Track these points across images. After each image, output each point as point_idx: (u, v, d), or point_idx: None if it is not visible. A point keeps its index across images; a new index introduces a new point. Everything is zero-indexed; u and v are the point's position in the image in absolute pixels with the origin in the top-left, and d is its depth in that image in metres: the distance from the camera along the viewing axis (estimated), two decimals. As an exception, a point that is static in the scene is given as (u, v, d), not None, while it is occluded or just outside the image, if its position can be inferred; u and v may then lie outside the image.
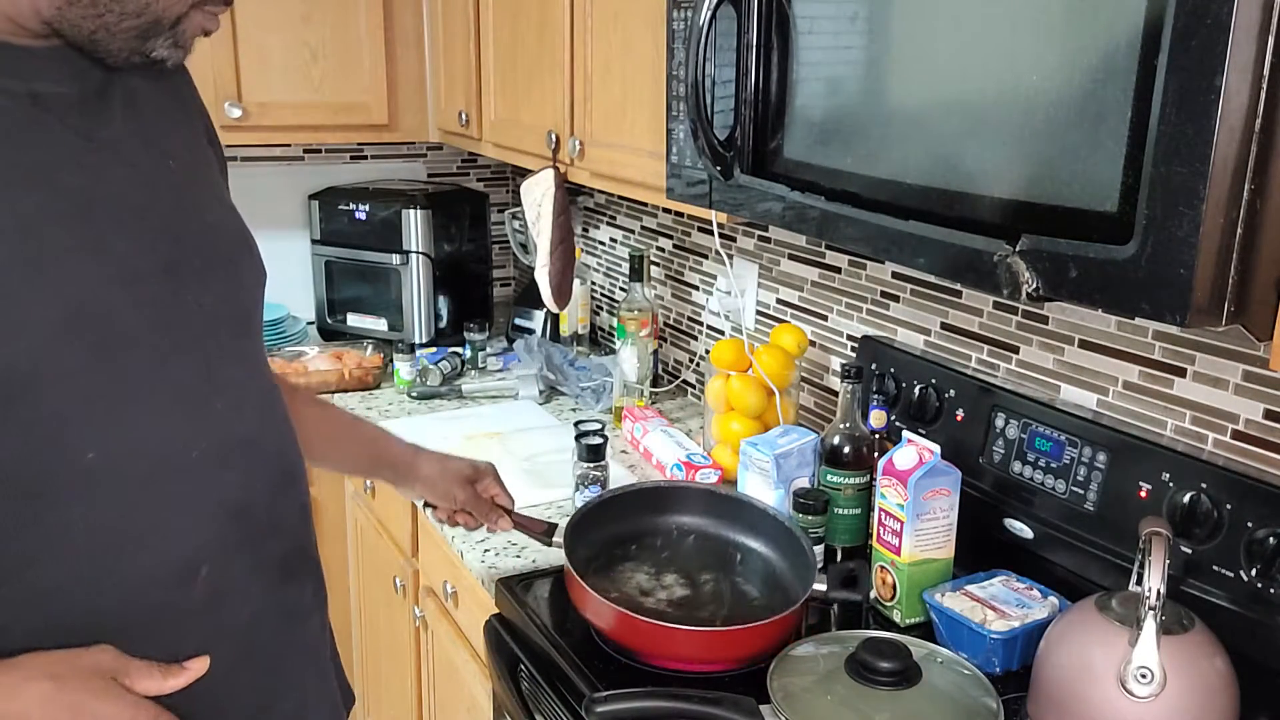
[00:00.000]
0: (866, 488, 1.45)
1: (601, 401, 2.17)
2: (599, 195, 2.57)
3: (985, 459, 1.42)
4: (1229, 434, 1.21)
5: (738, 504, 1.46)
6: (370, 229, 2.53)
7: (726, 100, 1.31)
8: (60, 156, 0.82)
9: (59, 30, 0.81)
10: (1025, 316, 1.45)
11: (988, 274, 0.95)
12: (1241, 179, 0.77)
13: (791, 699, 1.07)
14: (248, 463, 0.93)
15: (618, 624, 1.22)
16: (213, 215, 0.95)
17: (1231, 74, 0.74)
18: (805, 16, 1.20)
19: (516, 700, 1.33)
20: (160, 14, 0.83)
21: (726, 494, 1.47)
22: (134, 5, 0.81)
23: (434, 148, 2.91)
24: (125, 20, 0.82)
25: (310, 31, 2.39)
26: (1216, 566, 1.13)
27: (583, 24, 1.82)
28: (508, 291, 3.06)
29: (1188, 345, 1.24)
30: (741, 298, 2.03)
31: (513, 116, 2.17)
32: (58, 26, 0.81)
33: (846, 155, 1.15)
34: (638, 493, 1.45)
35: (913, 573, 1.30)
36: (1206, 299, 0.79)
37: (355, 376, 2.32)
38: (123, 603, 0.84)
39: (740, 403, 1.72)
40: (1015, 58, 0.93)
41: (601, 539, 1.38)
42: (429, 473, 1.31)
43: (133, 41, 0.84)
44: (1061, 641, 1.07)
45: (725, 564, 1.40)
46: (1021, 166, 0.93)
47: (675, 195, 1.46)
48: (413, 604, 1.97)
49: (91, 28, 0.81)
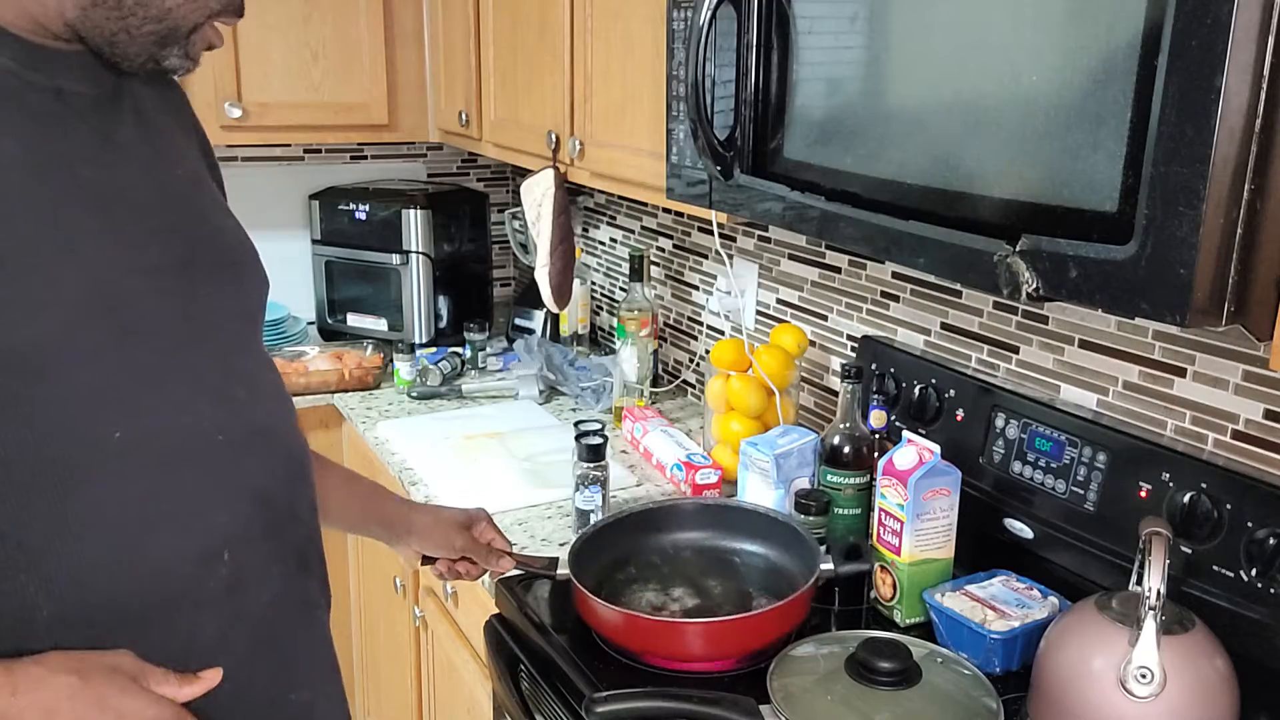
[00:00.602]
0: (866, 488, 1.45)
1: (601, 401, 2.17)
2: (599, 195, 2.57)
3: (985, 459, 1.42)
4: (1229, 434, 1.21)
5: (730, 511, 1.46)
6: (370, 229, 2.53)
7: (726, 100, 1.31)
8: (82, 151, 0.85)
9: (80, 33, 0.84)
10: (1025, 316, 1.45)
11: (988, 274, 0.95)
12: (1241, 179, 0.77)
13: (791, 699, 1.07)
14: (268, 451, 0.95)
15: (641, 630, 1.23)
16: (218, 221, 0.98)
17: (1231, 74, 0.74)
18: (805, 16, 1.20)
19: (516, 700, 1.33)
20: (179, 21, 0.86)
21: (717, 504, 1.48)
22: (156, 10, 0.84)
23: (434, 148, 2.91)
24: (147, 24, 0.84)
25: (310, 31, 2.39)
26: (1216, 566, 1.13)
27: (583, 24, 1.82)
28: (508, 291, 3.06)
29: (1188, 345, 1.24)
30: (741, 298, 2.03)
31: (513, 116, 2.17)
32: (80, 29, 0.83)
33: (846, 155, 1.15)
34: (630, 517, 1.45)
35: (913, 573, 1.30)
36: (1206, 299, 0.79)
37: (355, 376, 2.32)
38: (146, 585, 0.85)
39: (740, 403, 1.72)
40: (1015, 58, 0.93)
41: (601, 566, 1.38)
42: (424, 524, 1.27)
43: (150, 47, 0.86)
44: (1061, 641, 1.07)
45: (728, 570, 1.41)
46: (1022, 166, 0.93)
47: (675, 195, 1.46)
48: (413, 604, 1.97)
49: (114, 29, 0.84)
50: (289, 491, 0.97)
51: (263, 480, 0.94)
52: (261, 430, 0.94)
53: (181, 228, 0.91)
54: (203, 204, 0.97)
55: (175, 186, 0.93)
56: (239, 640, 0.92)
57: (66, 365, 0.81)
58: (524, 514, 1.68)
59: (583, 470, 1.56)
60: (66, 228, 0.81)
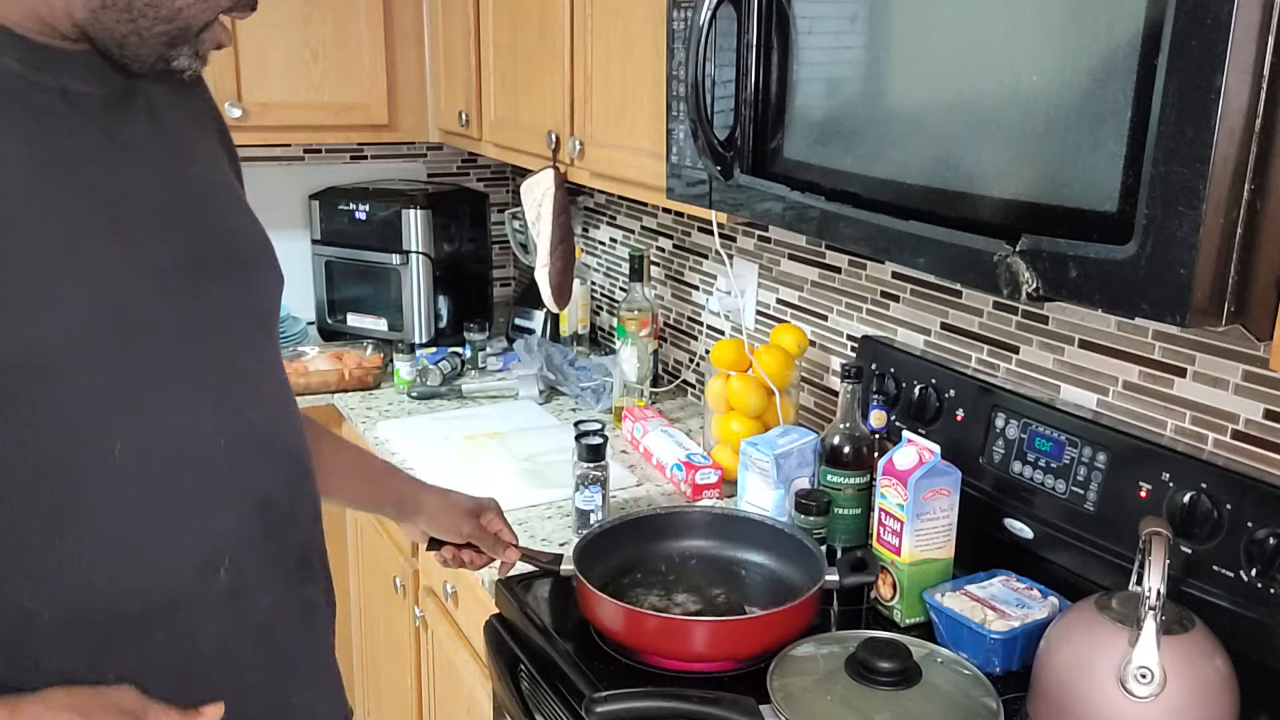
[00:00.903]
0: (866, 488, 1.45)
1: (601, 401, 2.17)
2: (599, 195, 2.57)
3: (985, 459, 1.42)
4: (1229, 434, 1.21)
5: (736, 521, 1.46)
6: (370, 229, 2.53)
7: (726, 100, 1.31)
8: (88, 152, 0.84)
9: (89, 34, 0.83)
10: (1025, 316, 1.45)
11: (988, 274, 0.95)
12: (1241, 179, 0.77)
13: (791, 699, 1.07)
14: (269, 455, 0.94)
15: (641, 626, 1.23)
16: (232, 221, 0.97)
17: (1231, 74, 0.74)
18: (805, 16, 1.20)
19: (516, 700, 1.33)
20: (190, 21, 0.84)
21: (724, 513, 1.48)
22: (167, 10, 0.83)
23: (434, 148, 2.91)
24: (157, 25, 0.83)
25: (310, 31, 2.39)
26: (1216, 566, 1.13)
27: (583, 24, 1.82)
28: (508, 291, 3.06)
29: (1188, 345, 1.24)
30: (741, 298, 2.03)
31: (513, 116, 2.17)
32: (89, 30, 0.82)
33: (846, 155, 1.15)
34: (638, 521, 1.45)
35: (913, 573, 1.30)
36: (1206, 299, 0.79)
37: (355, 376, 2.32)
38: (146, 588, 0.85)
39: (740, 403, 1.72)
40: (1015, 58, 0.93)
41: (607, 569, 1.38)
42: (433, 506, 1.29)
43: (160, 48, 0.85)
44: (1061, 641, 1.07)
45: (733, 580, 1.41)
46: (1021, 166, 0.93)
47: (675, 195, 1.46)
48: (413, 604, 1.97)
49: (124, 31, 0.82)
50: (290, 495, 0.97)
51: (263, 484, 0.93)
52: (263, 434, 0.94)
53: (190, 227, 0.91)
54: (216, 202, 0.96)
55: (186, 185, 0.92)
56: (240, 644, 0.92)
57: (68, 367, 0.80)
58: (524, 514, 1.68)
59: (583, 470, 1.56)
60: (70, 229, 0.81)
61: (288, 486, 0.97)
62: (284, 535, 0.96)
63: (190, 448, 0.87)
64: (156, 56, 0.86)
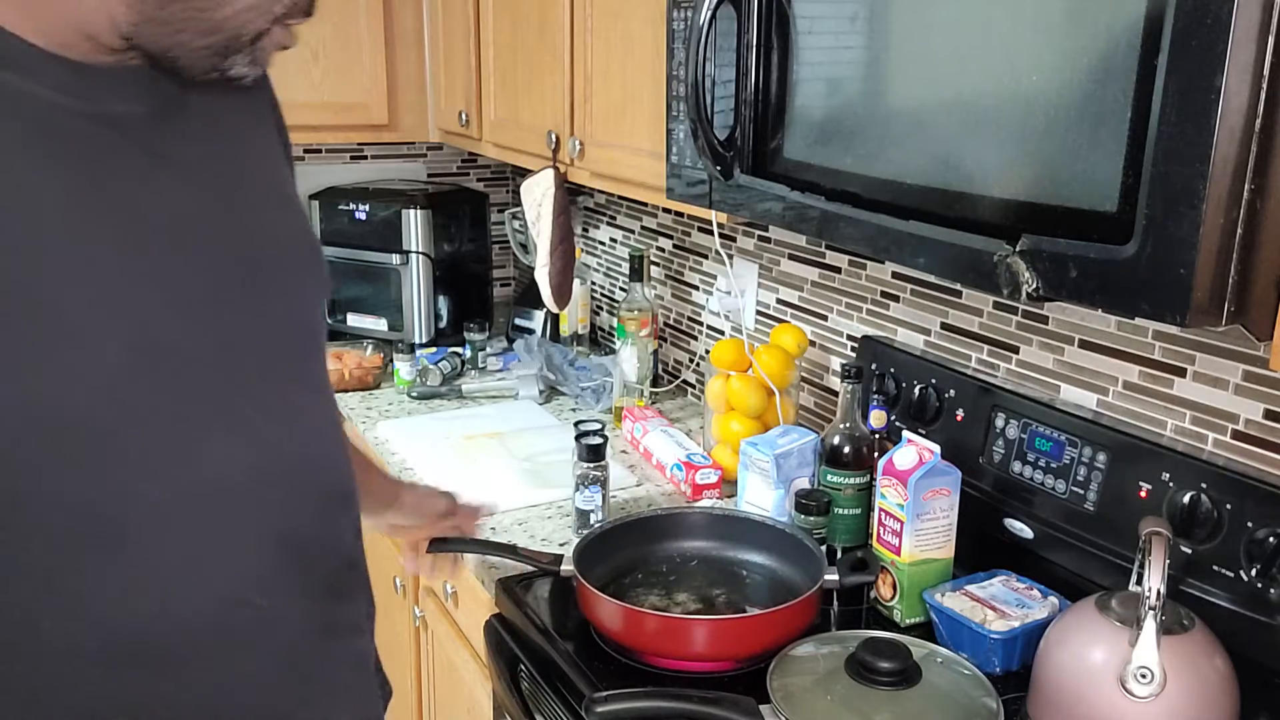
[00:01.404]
0: (866, 488, 1.45)
1: (601, 401, 2.16)
2: (599, 195, 2.57)
3: (985, 459, 1.42)
4: (1229, 434, 1.21)
5: (736, 521, 1.46)
6: (370, 229, 2.53)
7: (726, 100, 1.31)
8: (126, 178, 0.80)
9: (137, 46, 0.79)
10: (1025, 316, 1.45)
11: (988, 274, 0.95)
12: (1241, 179, 0.77)
13: (791, 699, 1.07)
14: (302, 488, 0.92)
15: (641, 626, 1.23)
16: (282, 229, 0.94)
17: (1231, 74, 0.74)
18: (805, 16, 1.20)
19: (516, 700, 1.33)
20: (238, 30, 0.81)
21: (724, 513, 1.47)
22: (207, 24, 0.79)
23: (434, 148, 2.91)
24: (199, 39, 0.80)
25: (310, 31, 2.36)
26: (1216, 566, 1.13)
27: (583, 24, 1.82)
28: (508, 291, 3.06)
29: (1188, 345, 1.24)
30: (741, 298, 2.03)
31: (512, 116, 2.17)
32: (137, 42, 0.79)
33: (846, 155, 1.15)
34: (638, 522, 1.45)
35: (913, 573, 1.30)
36: (1206, 299, 0.79)
37: (355, 376, 2.32)
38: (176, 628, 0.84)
39: (740, 403, 1.72)
40: (1015, 58, 0.93)
41: (606, 570, 1.38)
42: (409, 500, 1.34)
43: (210, 59, 0.81)
44: (1061, 641, 1.07)
45: (733, 580, 1.41)
46: (1021, 166, 0.93)
47: (675, 195, 1.46)
48: (413, 604, 1.97)
49: (167, 45, 0.79)
50: (323, 525, 0.95)
51: (294, 521, 0.91)
52: (302, 468, 0.92)
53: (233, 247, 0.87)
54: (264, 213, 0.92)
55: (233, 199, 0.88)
56: (268, 672, 0.90)
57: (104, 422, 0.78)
58: (524, 514, 1.68)
59: (583, 470, 1.56)
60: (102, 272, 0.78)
61: (319, 514, 0.94)
62: (314, 567, 0.94)
63: (226, 495, 0.85)
64: (209, 66, 0.82)
